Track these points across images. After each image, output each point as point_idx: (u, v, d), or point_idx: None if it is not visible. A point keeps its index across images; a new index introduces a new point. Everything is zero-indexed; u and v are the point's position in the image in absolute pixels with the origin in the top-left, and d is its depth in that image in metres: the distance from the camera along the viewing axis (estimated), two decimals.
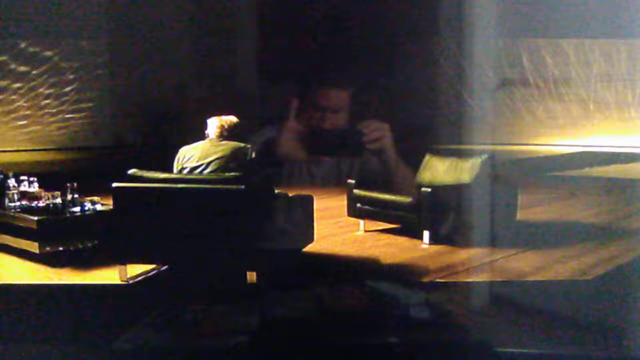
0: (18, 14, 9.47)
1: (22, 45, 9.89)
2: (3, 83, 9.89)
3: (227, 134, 4.51)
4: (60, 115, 10.23)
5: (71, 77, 10.19)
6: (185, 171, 4.35)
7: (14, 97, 9.99)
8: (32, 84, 10.03)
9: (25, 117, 10.08)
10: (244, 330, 3.60)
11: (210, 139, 4.52)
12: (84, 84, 10.26)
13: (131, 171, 4.08)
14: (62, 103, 10.22)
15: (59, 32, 9.85)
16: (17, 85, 9.97)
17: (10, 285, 4.12)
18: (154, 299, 3.94)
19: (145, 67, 9.91)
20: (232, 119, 4.61)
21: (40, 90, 10.09)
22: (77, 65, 10.18)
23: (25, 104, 10.05)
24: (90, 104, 10.33)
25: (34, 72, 10.00)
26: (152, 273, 4.30)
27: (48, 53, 10.02)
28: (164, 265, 4.32)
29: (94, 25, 9.93)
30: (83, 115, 10.34)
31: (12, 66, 9.90)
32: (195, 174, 4.25)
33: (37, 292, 4.05)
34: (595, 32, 9.60)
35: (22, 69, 9.95)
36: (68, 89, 10.20)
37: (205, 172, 4.25)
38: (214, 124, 4.59)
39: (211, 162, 4.33)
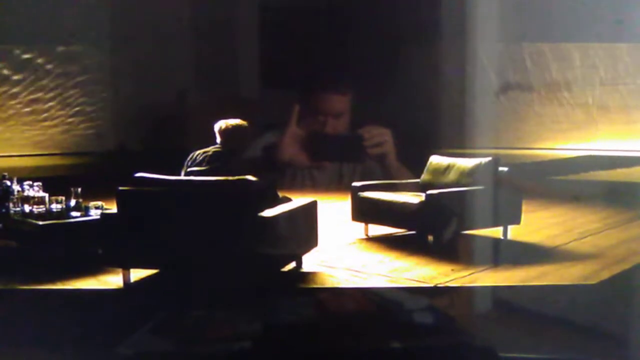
0: (20, 19, 9.51)
1: (24, 50, 9.91)
2: (5, 87, 9.92)
3: (234, 138, 4.55)
4: (63, 120, 10.25)
5: (74, 81, 10.21)
6: (191, 175, 4.37)
7: (17, 101, 10.01)
8: (35, 88, 10.05)
9: (28, 122, 10.10)
10: (247, 336, 3.59)
11: (219, 144, 4.56)
12: (87, 89, 10.28)
13: (138, 175, 4.09)
14: (65, 107, 10.24)
15: (61, 37, 9.87)
16: (20, 90, 10.00)
17: (13, 290, 4.12)
18: (157, 304, 3.93)
19: (148, 72, 9.93)
20: (240, 123, 4.65)
21: (43, 95, 10.11)
22: (79, 70, 10.20)
23: (28, 109, 10.08)
24: (93, 109, 10.35)
25: (36, 77, 10.02)
26: (155, 278, 4.30)
27: (50, 58, 10.05)
28: (167, 269, 4.32)
29: (96, 30, 9.95)
30: (86, 120, 10.36)
31: (14, 71, 9.93)
32: (201, 178, 4.26)
33: (41, 297, 4.05)
34: (599, 35, 9.59)
35: (24, 74, 9.98)
36: (71, 93, 10.22)
37: (210, 176, 4.26)
38: (219, 129, 4.63)
39: (217, 166, 4.35)
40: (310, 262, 4.54)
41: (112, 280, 4.20)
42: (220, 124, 4.65)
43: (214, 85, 9.86)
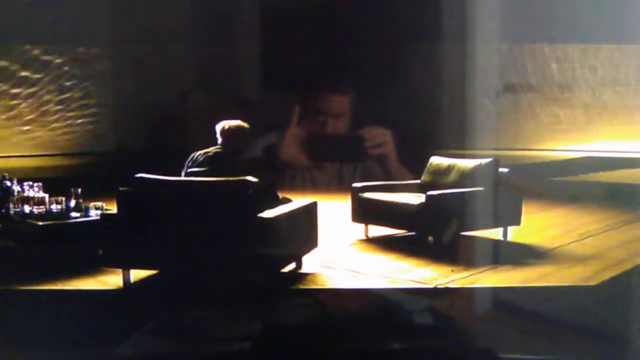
0: (21, 19, 9.51)
1: (26, 50, 9.92)
2: (6, 87, 9.92)
3: (234, 139, 4.55)
4: (63, 121, 10.26)
5: (74, 82, 10.22)
6: (191, 175, 4.37)
7: (17, 102, 10.02)
8: (36, 89, 10.06)
9: (29, 122, 10.11)
10: (247, 336, 3.59)
11: (220, 144, 4.56)
12: (87, 90, 10.29)
13: (138, 175, 4.08)
14: (66, 108, 10.25)
15: (61, 38, 9.88)
16: (21, 90, 10.00)
17: (13, 290, 4.11)
18: (157, 305, 3.93)
19: (148, 72, 9.93)
20: (240, 124, 4.65)
21: (44, 95, 10.11)
22: (80, 71, 10.21)
23: (29, 109, 10.08)
24: (93, 110, 10.35)
25: (37, 77, 10.03)
26: (155, 278, 4.30)
27: (51, 58, 10.06)
28: (167, 270, 4.31)
29: (97, 30, 9.96)
30: (86, 121, 10.36)
31: (16, 71, 9.94)
32: (201, 178, 4.26)
33: (41, 297, 4.05)
34: (599, 37, 9.60)
35: (26, 74, 9.99)
36: (71, 94, 10.23)
37: (211, 176, 4.26)
38: (221, 130, 4.63)
39: (217, 167, 4.35)
40: (310, 263, 4.54)
41: (112, 281, 4.20)
42: (222, 125, 4.66)
43: (215, 85, 9.86)
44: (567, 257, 4.83)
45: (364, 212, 5.51)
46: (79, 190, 4.82)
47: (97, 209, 4.68)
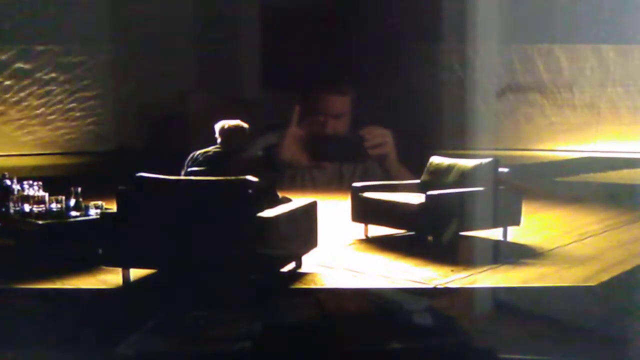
0: (19, 19, 9.51)
1: (26, 48, 9.92)
2: (5, 85, 9.92)
3: (234, 139, 4.56)
4: (63, 120, 10.25)
5: (74, 81, 10.22)
6: (191, 175, 4.38)
7: (16, 101, 10.01)
8: (36, 88, 10.05)
9: (28, 121, 10.10)
10: (247, 336, 3.59)
11: (219, 144, 4.56)
12: (87, 89, 10.29)
13: (138, 174, 4.09)
14: (66, 107, 10.24)
15: (62, 36, 9.88)
16: (20, 90, 10.00)
17: (12, 289, 4.11)
18: (157, 305, 3.93)
19: (148, 72, 9.93)
20: (240, 123, 4.65)
21: (44, 94, 10.11)
22: (80, 70, 10.21)
23: (28, 109, 10.08)
24: (93, 108, 10.35)
25: (37, 76, 10.02)
26: (155, 278, 4.30)
27: (51, 57, 10.05)
28: (167, 269, 4.32)
29: (96, 29, 9.96)
30: (87, 119, 10.36)
31: (16, 70, 9.93)
32: (201, 178, 4.26)
33: (40, 297, 4.05)
34: (599, 37, 9.59)
35: (25, 74, 9.98)
36: (71, 93, 10.23)
37: (211, 176, 4.26)
38: (220, 130, 4.64)
39: (217, 166, 4.35)
40: (309, 262, 4.54)
41: (111, 280, 4.20)
42: (221, 124, 4.67)
43: (215, 85, 9.86)
44: (567, 258, 4.83)
45: (364, 211, 5.51)
46: (79, 189, 4.82)
47: (97, 208, 4.68)
